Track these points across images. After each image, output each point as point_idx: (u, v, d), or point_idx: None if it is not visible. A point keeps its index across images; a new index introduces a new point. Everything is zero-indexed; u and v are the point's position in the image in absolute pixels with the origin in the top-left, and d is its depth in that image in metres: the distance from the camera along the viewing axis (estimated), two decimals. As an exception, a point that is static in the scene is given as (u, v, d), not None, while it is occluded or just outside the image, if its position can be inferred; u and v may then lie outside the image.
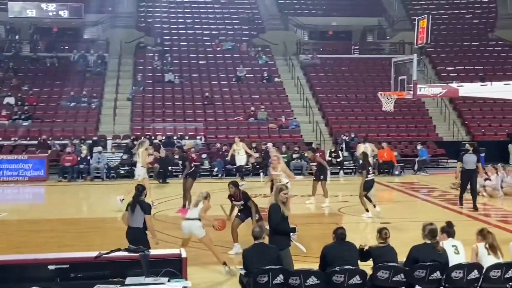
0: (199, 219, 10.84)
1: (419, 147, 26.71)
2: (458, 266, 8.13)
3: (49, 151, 25.77)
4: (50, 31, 39.00)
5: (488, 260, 8.31)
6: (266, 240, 8.88)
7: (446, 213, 16.43)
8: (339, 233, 8.52)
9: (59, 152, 25.86)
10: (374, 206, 15.99)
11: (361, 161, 17.05)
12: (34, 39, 37.09)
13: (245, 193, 12.21)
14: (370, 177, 15.99)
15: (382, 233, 8.46)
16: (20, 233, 14.36)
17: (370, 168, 16.30)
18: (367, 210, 15.90)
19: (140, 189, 9.97)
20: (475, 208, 16.91)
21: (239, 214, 12.34)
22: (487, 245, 8.45)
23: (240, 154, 23.03)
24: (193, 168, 18.02)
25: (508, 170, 20.51)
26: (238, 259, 8.61)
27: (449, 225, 8.76)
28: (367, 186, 15.96)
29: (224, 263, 10.62)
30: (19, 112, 29.17)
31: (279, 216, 9.10)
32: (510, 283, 8.34)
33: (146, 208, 9.82)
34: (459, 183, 20.85)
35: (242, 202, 12.11)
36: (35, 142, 27.08)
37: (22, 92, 31.20)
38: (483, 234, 8.60)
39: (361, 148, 22.96)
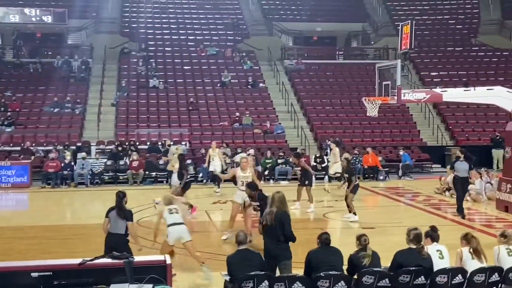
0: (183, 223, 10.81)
1: (401, 152, 26.81)
2: (443, 271, 8.16)
3: (33, 157, 25.58)
4: (34, 37, 38.80)
5: (472, 264, 8.34)
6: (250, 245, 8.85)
7: (430, 217, 16.50)
8: (324, 238, 8.52)
9: (42, 158, 25.68)
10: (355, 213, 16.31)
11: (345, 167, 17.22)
12: (17, 44, 36.81)
13: (261, 195, 12.32)
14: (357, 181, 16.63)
15: (361, 239, 8.46)
16: (2, 240, 14.22)
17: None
18: (354, 213, 16.16)
19: (121, 196, 9.90)
20: (462, 215, 16.79)
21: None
22: (471, 250, 8.48)
23: (215, 160, 22.68)
24: (189, 178, 17.94)
25: (492, 175, 20.64)
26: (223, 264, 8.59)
27: (433, 229, 8.79)
28: (354, 190, 16.31)
29: (202, 262, 10.59)
30: (2, 118, 28.95)
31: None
32: (494, 287, 8.38)
33: (128, 215, 9.76)
34: (444, 189, 21.03)
35: (257, 203, 12.33)
36: (18, 148, 26.88)
37: (5, 98, 30.97)
38: (467, 238, 8.64)
39: (337, 152, 22.77)
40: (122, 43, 36.92)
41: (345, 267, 8.41)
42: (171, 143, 26.43)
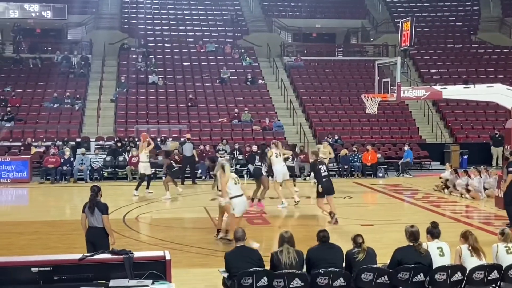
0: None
1: (406, 148, 26.82)
2: (442, 268, 8.17)
3: (33, 151, 25.59)
4: (33, 32, 38.78)
5: (471, 262, 8.36)
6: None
7: (429, 215, 16.50)
8: (322, 236, 8.54)
9: (42, 154, 25.69)
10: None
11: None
12: (17, 40, 36.82)
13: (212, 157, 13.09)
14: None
15: (357, 239, 8.48)
16: (2, 235, 14.23)
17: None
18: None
19: (96, 190, 9.95)
20: None
21: None
22: (470, 247, 8.50)
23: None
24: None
25: (491, 172, 20.66)
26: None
27: (434, 225, 8.80)
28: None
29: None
30: (1, 113, 28.95)
31: None
32: (493, 285, 8.41)
33: (103, 209, 9.82)
34: (442, 186, 21.03)
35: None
36: (18, 143, 26.89)
37: (4, 93, 30.99)
38: (466, 236, 8.65)
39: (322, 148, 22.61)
40: (122, 39, 36.90)
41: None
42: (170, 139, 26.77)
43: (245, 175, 25.14)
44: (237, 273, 8.00)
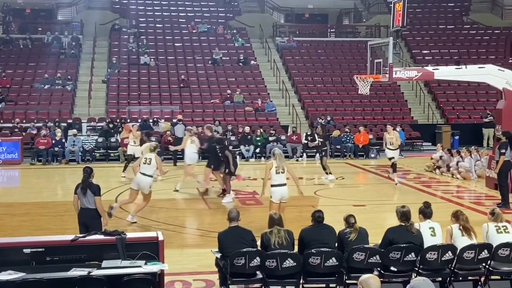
0: None
1: (398, 128, 26.83)
2: (433, 248, 8.24)
3: (24, 134, 25.50)
4: (23, 13, 38.42)
5: (462, 241, 8.42)
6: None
7: (420, 195, 16.59)
8: (317, 216, 8.59)
9: (33, 135, 25.59)
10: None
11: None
12: (7, 20, 36.48)
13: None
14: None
15: (349, 220, 8.53)
16: (-6, 216, 14.22)
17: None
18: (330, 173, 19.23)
19: (88, 171, 9.95)
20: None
21: None
22: (461, 227, 8.56)
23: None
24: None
25: (482, 153, 20.74)
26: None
27: (426, 205, 8.85)
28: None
29: None
30: (-8, 95, 28.79)
31: None
32: (483, 264, 8.48)
33: (96, 190, 9.84)
34: (434, 167, 21.13)
35: None
36: (9, 124, 26.76)
37: (-5, 74, 30.81)
38: (457, 216, 8.72)
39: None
40: (113, 20, 36.64)
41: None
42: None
43: (238, 156, 25.15)
44: (230, 253, 8.04)
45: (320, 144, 20.46)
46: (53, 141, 24.25)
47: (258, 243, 8.43)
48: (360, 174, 21.95)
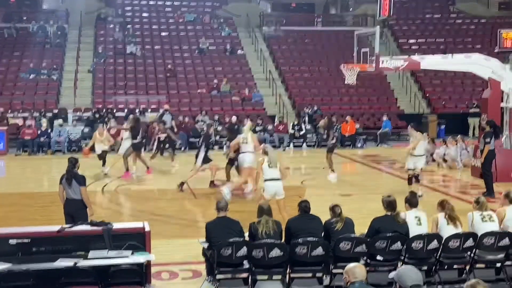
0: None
1: (384, 118, 26.97)
2: (418, 237, 8.30)
3: (8, 124, 25.33)
4: (8, 1, 38.07)
5: (447, 230, 8.49)
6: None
7: (407, 185, 16.64)
8: (303, 206, 8.62)
9: (19, 126, 25.43)
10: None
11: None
12: (-9, 9, 36.15)
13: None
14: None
15: (335, 209, 8.56)
16: (-21, 207, 14.14)
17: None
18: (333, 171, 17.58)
19: (73, 162, 9.92)
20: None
21: None
22: (446, 216, 8.62)
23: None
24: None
25: (467, 142, 20.87)
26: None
27: (412, 194, 8.91)
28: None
29: None
30: (-24, 85, 28.54)
31: None
32: (468, 252, 8.55)
33: (81, 180, 9.80)
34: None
35: None
36: (-6, 115, 26.59)
37: (-21, 64, 30.52)
38: (442, 205, 8.78)
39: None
40: (99, 9, 36.39)
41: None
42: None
43: (225, 146, 25.17)
44: (217, 243, 8.05)
45: (326, 138, 18.59)
46: (39, 132, 24.11)
47: (246, 233, 8.45)
48: (347, 164, 22.01)
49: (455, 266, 8.72)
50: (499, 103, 17.90)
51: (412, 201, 8.81)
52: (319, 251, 8.07)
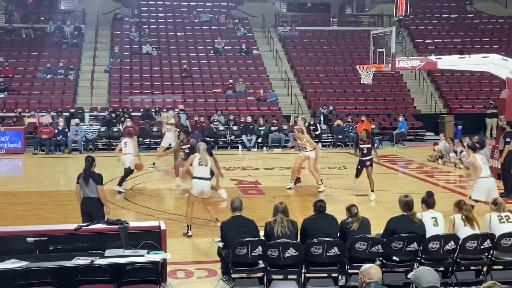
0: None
1: (401, 118, 26.85)
2: (435, 237, 8.24)
3: (26, 123, 25.51)
4: (25, 2, 38.35)
5: (464, 231, 8.42)
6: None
7: (423, 185, 16.59)
8: (319, 206, 8.58)
9: (36, 125, 25.61)
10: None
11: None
12: (9, 9, 36.42)
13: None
14: None
15: (351, 209, 8.51)
16: (-3, 205, 14.25)
17: None
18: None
19: (90, 160, 9.96)
20: None
21: None
22: (463, 217, 8.55)
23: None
24: None
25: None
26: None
27: (429, 195, 8.84)
28: None
29: (216, 220, 11.24)
30: (-6, 84, 28.77)
31: None
32: (486, 254, 8.48)
33: (98, 179, 9.84)
34: (437, 156, 21.07)
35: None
36: (12, 114, 26.77)
37: (-3, 64, 30.77)
38: (459, 205, 8.71)
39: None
40: (115, 9, 36.57)
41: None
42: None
43: (240, 146, 25.21)
44: (233, 242, 8.05)
45: (366, 151, 15.55)
46: (56, 131, 24.27)
47: (261, 232, 8.44)
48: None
49: (472, 267, 8.65)
50: (516, 104, 17.75)
51: (428, 202, 8.74)
52: (334, 251, 8.04)
